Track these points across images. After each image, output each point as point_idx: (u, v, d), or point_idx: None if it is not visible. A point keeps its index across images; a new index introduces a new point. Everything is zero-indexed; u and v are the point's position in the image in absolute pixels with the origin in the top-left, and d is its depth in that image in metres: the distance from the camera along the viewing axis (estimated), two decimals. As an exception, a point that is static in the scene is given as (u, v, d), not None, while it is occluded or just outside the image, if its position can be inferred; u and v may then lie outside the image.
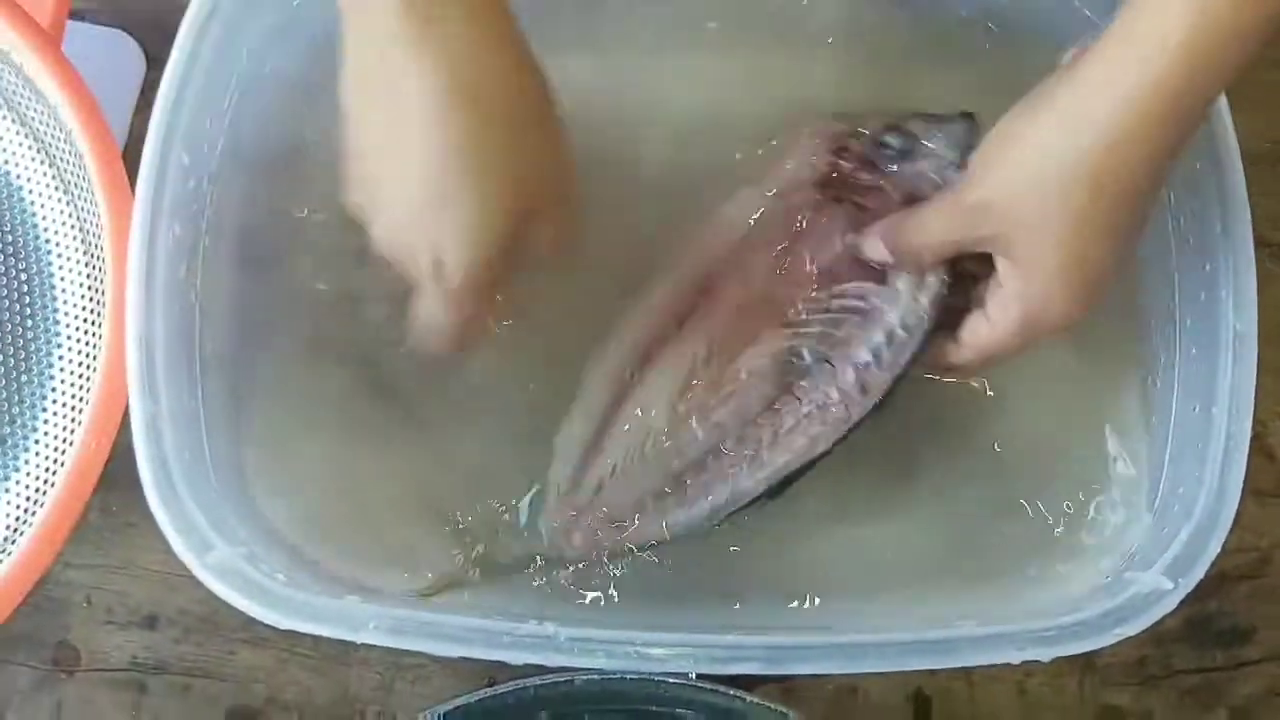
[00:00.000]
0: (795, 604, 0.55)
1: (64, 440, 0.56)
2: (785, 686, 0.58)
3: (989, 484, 0.57)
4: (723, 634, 0.49)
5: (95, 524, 0.60)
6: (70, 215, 0.58)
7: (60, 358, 0.57)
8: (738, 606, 0.55)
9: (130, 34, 0.64)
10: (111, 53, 0.64)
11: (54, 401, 0.56)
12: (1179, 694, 0.58)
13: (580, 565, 0.54)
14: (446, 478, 0.57)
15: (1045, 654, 0.48)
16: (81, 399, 0.56)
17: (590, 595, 0.55)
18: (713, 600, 0.55)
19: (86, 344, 0.57)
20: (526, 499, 0.56)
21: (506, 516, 0.56)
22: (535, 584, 0.55)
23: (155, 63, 0.64)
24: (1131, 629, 0.48)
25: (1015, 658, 0.48)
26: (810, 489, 0.57)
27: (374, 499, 0.57)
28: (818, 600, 0.55)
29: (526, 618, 0.53)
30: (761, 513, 0.55)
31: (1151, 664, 0.58)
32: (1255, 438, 0.60)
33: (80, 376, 0.56)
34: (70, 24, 0.58)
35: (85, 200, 0.56)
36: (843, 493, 0.57)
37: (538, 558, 0.54)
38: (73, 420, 0.56)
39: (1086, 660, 0.58)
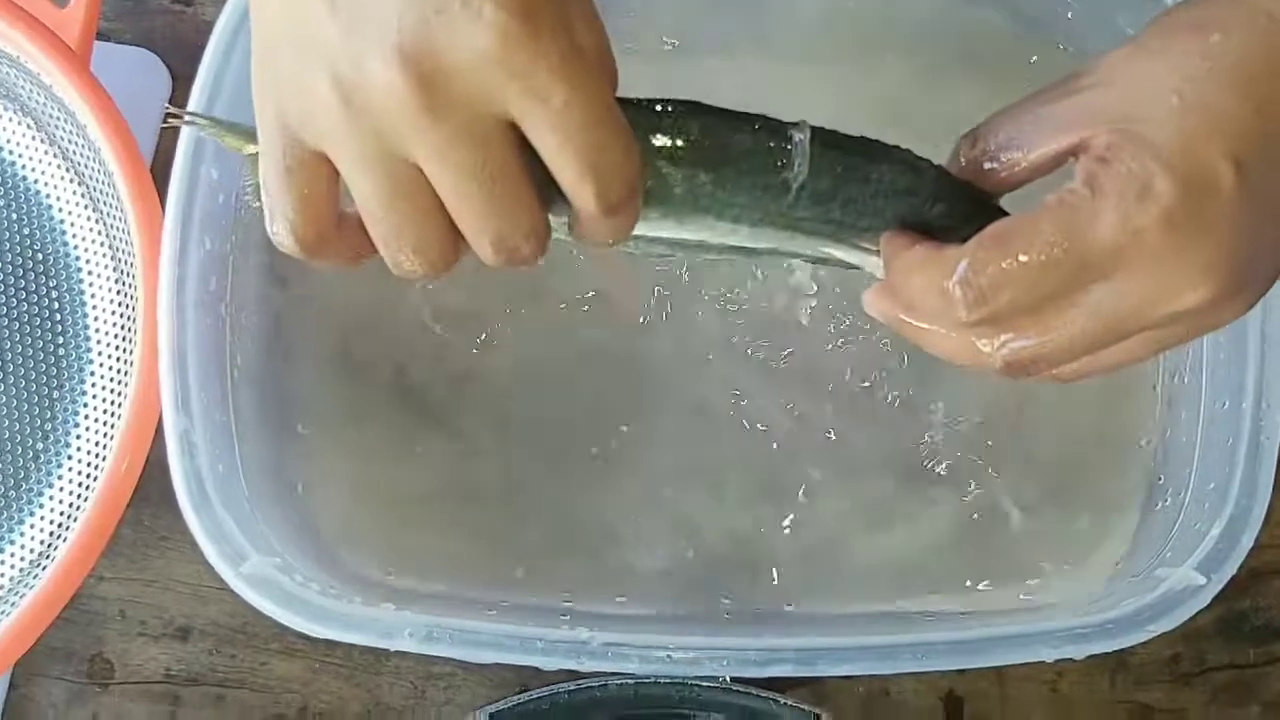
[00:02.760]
0: (825, 607, 0.55)
1: (98, 456, 0.56)
2: (817, 689, 0.58)
3: (1016, 483, 0.57)
4: (755, 637, 0.50)
5: (129, 538, 0.60)
6: (100, 232, 0.59)
7: (92, 374, 0.58)
8: (767, 610, 0.55)
9: (155, 53, 0.65)
10: (137, 72, 0.64)
11: (87, 418, 0.57)
12: (1212, 691, 0.58)
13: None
14: (479, 485, 0.58)
15: (1078, 652, 0.48)
16: (114, 415, 0.56)
17: (620, 599, 0.56)
18: (743, 604, 0.56)
19: (118, 360, 0.57)
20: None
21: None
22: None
23: (180, 81, 0.65)
24: (1164, 625, 0.48)
25: (1049, 656, 0.48)
26: (839, 491, 0.57)
27: (407, 507, 0.58)
28: (848, 603, 0.55)
29: (559, 623, 0.54)
30: (790, 513, 0.56)
31: (1184, 661, 0.58)
32: (1284, 433, 0.60)
33: (113, 392, 0.57)
34: (96, 44, 0.58)
35: (115, 217, 0.57)
36: (870, 495, 0.57)
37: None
38: (106, 436, 0.57)
39: (1119, 659, 0.58)
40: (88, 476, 0.56)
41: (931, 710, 0.58)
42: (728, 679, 0.50)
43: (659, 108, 0.34)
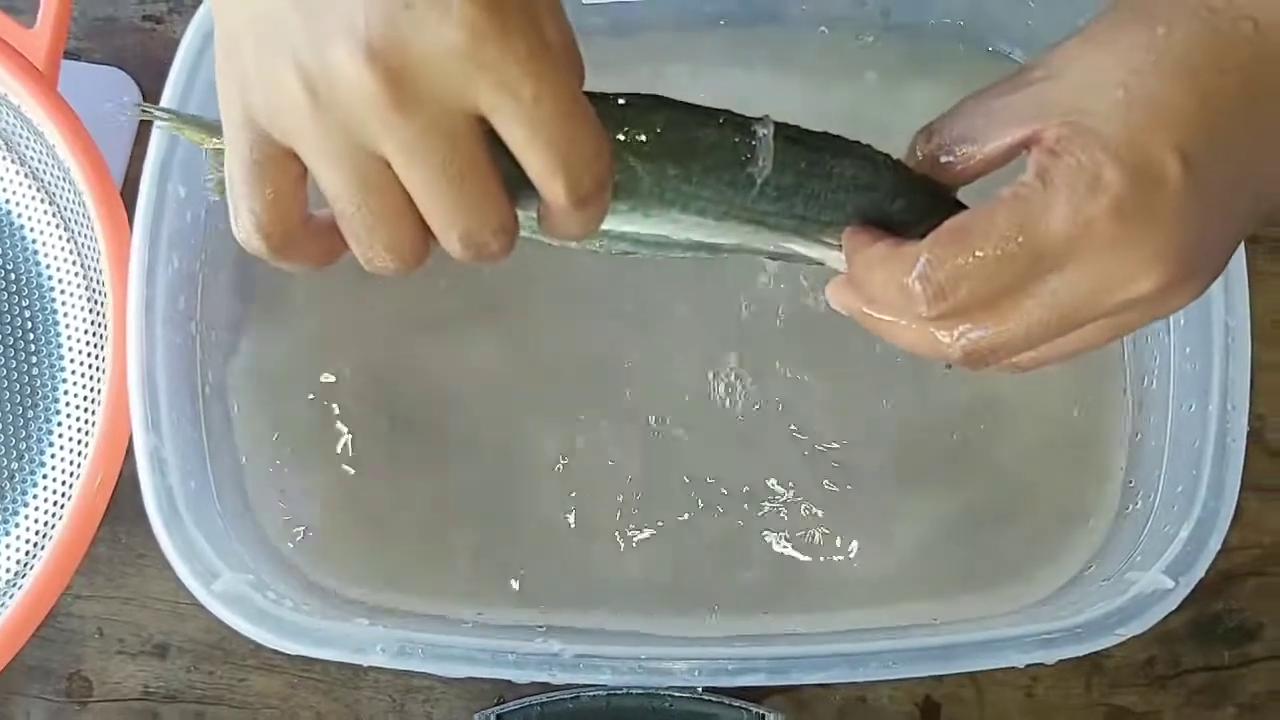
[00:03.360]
0: (799, 615, 0.55)
1: (71, 474, 0.57)
2: (793, 697, 0.58)
3: (985, 489, 0.57)
4: (728, 646, 0.50)
5: (105, 555, 0.60)
6: (71, 252, 0.59)
7: (65, 393, 0.58)
8: (741, 619, 0.56)
9: (125, 70, 0.65)
10: (106, 90, 0.64)
11: (60, 436, 0.57)
12: (1187, 693, 0.58)
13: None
14: (452, 497, 0.58)
15: (1048, 656, 0.48)
16: (87, 433, 0.56)
17: (597, 611, 0.56)
18: (715, 614, 0.56)
19: (91, 378, 0.57)
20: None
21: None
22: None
23: (150, 99, 0.65)
24: (1134, 629, 0.48)
25: (1019, 661, 0.49)
26: (812, 500, 0.57)
27: (380, 522, 0.58)
28: (821, 610, 0.56)
29: (534, 635, 0.54)
30: (757, 518, 0.56)
31: (1159, 664, 0.58)
32: (1255, 434, 0.60)
33: (85, 410, 0.57)
34: (65, 63, 0.58)
35: (85, 236, 0.57)
36: (842, 503, 0.57)
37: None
38: (79, 454, 0.57)
39: (1093, 662, 0.58)
40: (62, 495, 0.56)
41: (909, 716, 0.59)
42: (700, 689, 0.50)
43: (625, 101, 0.34)
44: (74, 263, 0.59)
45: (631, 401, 0.58)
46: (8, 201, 0.59)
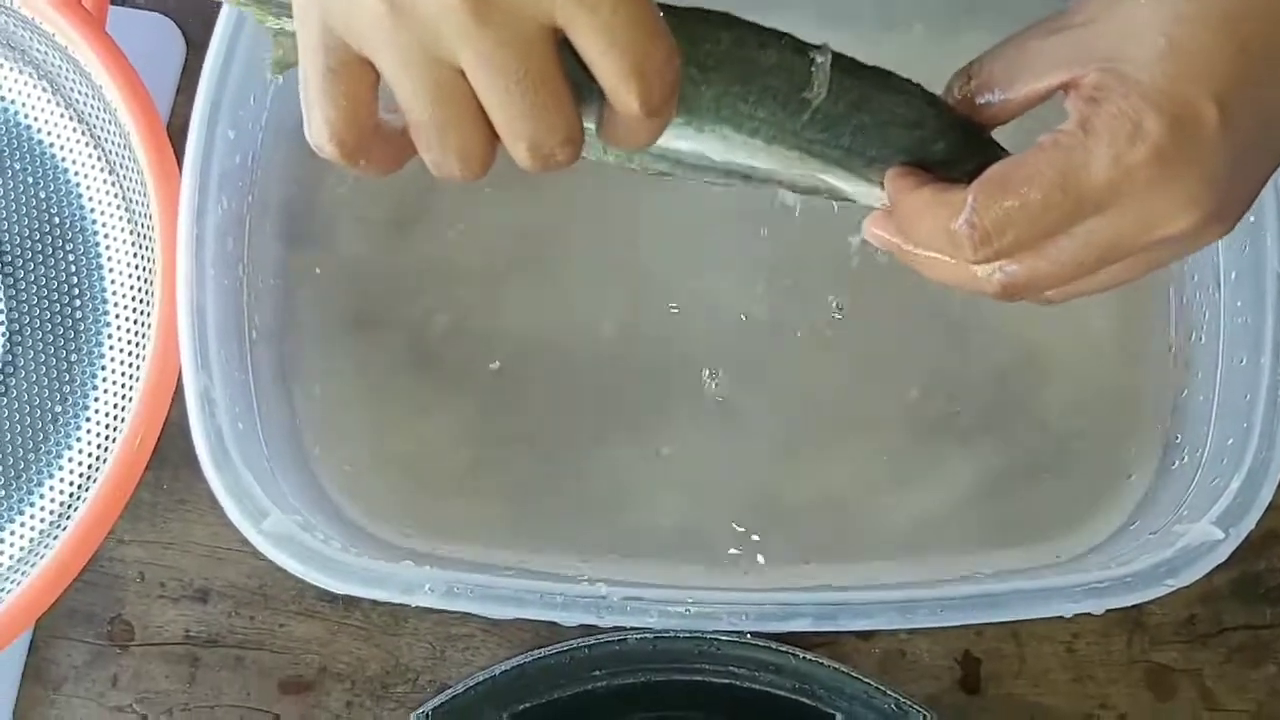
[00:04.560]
0: (842, 565, 0.55)
1: (116, 418, 0.57)
2: (833, 649, 0.58)
3: (1027, 443, 0.57)
4: (773, 594, 0.50)
5: (147, 500, 0.60)
6: (117, 194, 0.59)
7: (110, 336, 0.58)
8: (785, 569, 0.56)
9: (171, 18, 0.65)
10: (152, 37, 0.64)
11: (105, 380, 0.57)
12: (1228, 651, 0.58)
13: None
14: (494, 446, 0.58)
15: (1096, 606, 0.48)
16: (133, 377, 0.56)
17: (640, 560, 0.56)
18: (760, 563, 0.56)
19: (135, 322, 0.57)
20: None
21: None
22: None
23: (195, 47, 0.65)
24: (1183, 580, 0.48)
25: (1068, 610, 0.48)
26: (855, 452, 0.57)
27: (423, 470, 0.58)
28: (865, 560, 0.56)
29: (577, 579, 0.54)
30: (798, 471, 0.56)
31: (1200, 622, 0.58)
32: (1302, 392, 0.60)
33: (130, 354, 0.57)
34: (112, 9, 0.58)
35: (131, 179, 0.57)
36: (883, 451, 0.57)
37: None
38: (124, 398, 0.57)
39: (1135, 619, 0.58)
40: (106, 438, 0.56)
41: (948, 670, 0.59)
42: (748, 634, 0.50)
43: (695, 16, 0.34)
44: (119, 206, 0.59)
45: (679, 353, 0.58)
46: (53, 145, 0.59)
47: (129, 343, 0.57)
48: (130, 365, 0.57)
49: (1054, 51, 0.35)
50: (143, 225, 0.57)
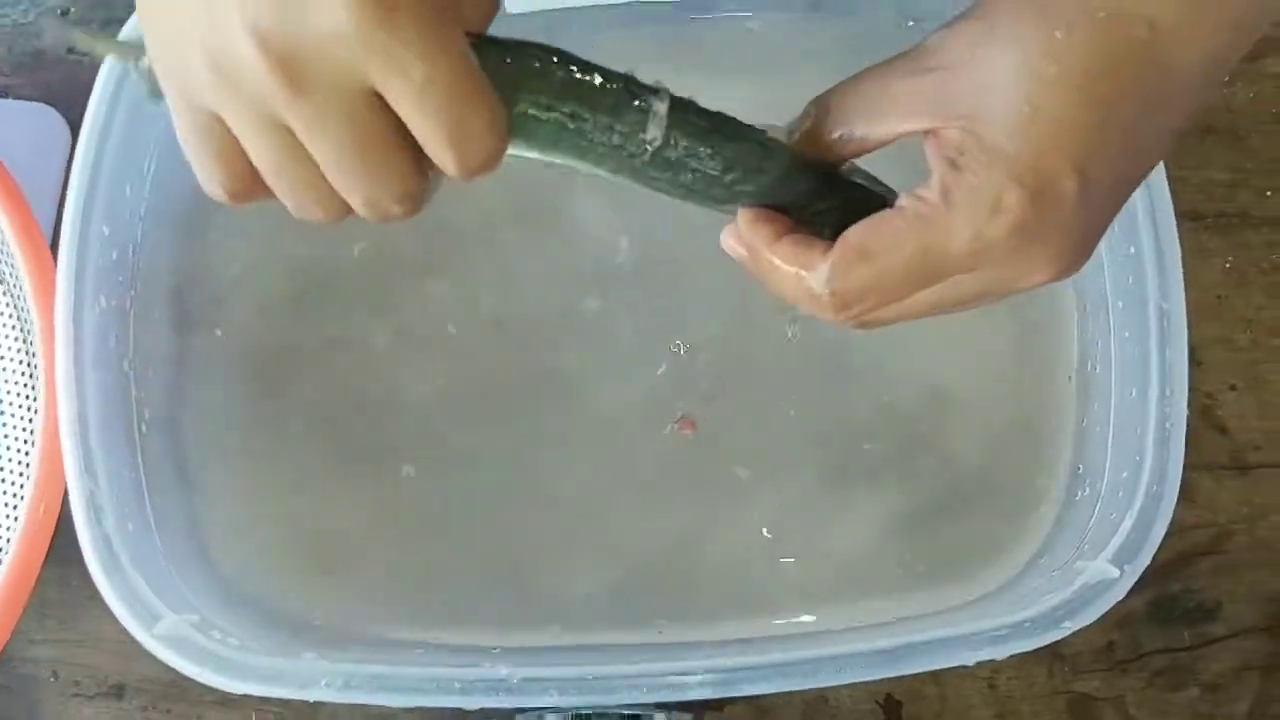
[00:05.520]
0: (750, 618, 0.55)
1: (10, 518, 0.56)
2: (755, 704, 0.58)
3: (935, 482, 0.57)
4: (677, 658, 0.49)
5: (55, 598, 0.60)
6: (3, 295, 0.58)
7: (2, 438, 0.57)
8: (691, 626, 0.55)
9: (54, 106, 0.64)
10: (35, 126, 0.64)
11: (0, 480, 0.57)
12: (1149, 676, 0.58)
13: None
14: (398, 519, 0.57)
15: (998, 653, 0.48)
16: (25, 478, 0.56)
17: (551, 628, 0.56)
18: (666, 624, 0.56)
19: (28, 420, 0.57)
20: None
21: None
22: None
23: (79, 131, 0.64)
24: (1082, 621, 0.48)
25: (969, 659, 0.48)
26: (762, 501, 0.57)
27: (328, 548, 0.57)
28: (771, 614, 0.55)
29: (488, 657, 0.54)
30: (707, 523, 0.56)
31: (1119, 648, 0.58)
32: (1204, 412, 0.60)
33: (23, 453, 0.56)
34: (-9, 102, 0.58)
35: (14, 281, 0.56)
36: (795, 502, 0.57)
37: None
38: (18, 498, 0.56)
39: (1054, 649, 0.58)
40: (3, 539, 0.56)
41: (871, 714, 0.58)
42: (652, 706, 0.50)
43: (532, 52, 0.34)
44: (7, 307, 0.58)
45: (580, 408, 0.58)
46: (-64, 247, 0.59)
47: (23, 442, 0.57)
48: (24, 464, 0.56)
49: (917, 96, 0.35)
50: (29, 333, 0.56)
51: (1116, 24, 0.32)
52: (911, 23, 0.61)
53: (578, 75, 0.34)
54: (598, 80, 0.35)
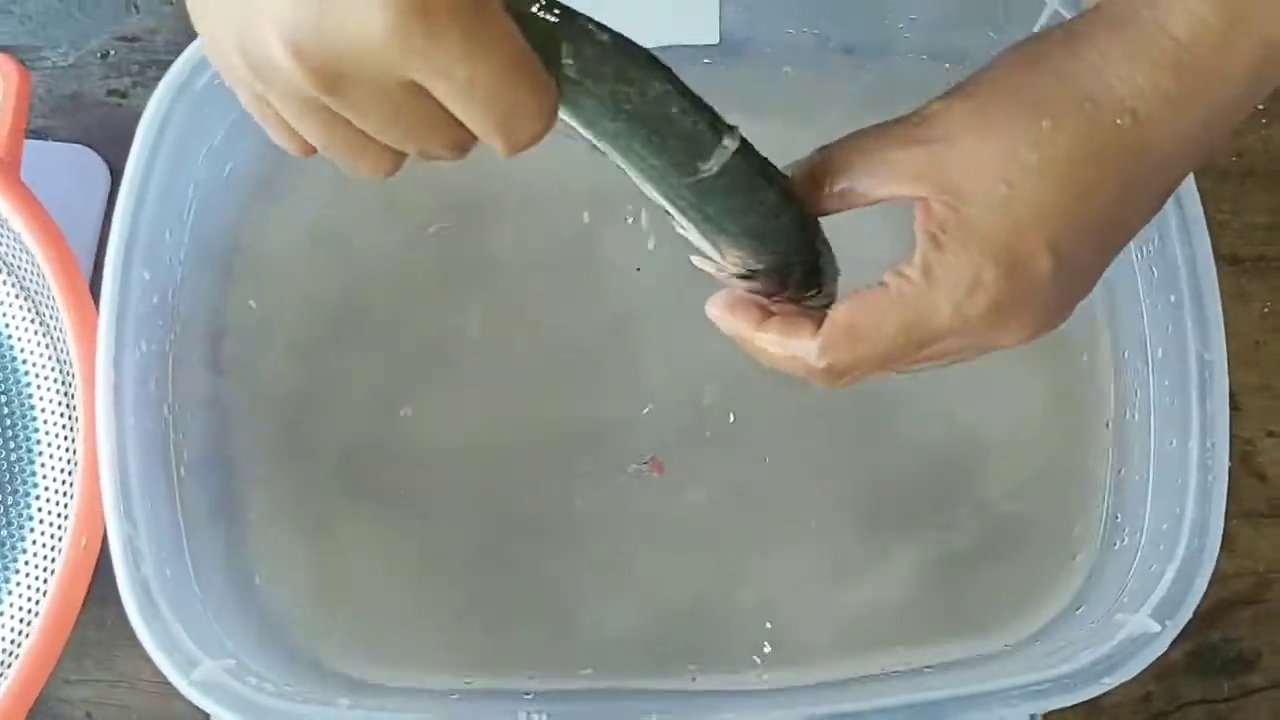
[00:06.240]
0: (782, 667, 0.55)
1: (51, 560, 0.56)
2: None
3: (969, 534, 0.57)
4: (709, 708, 0.49)
5: (93, 639, 0.60)
6: (44, 340, 0.59)
7: (42, 478, 0.58)
8: (722, 674, 0.55)
9: (92, 148, 0.65)
10: (74, 169, 0.65)
11: (40, 523, 0.57)
12: (1188, 727, 0.58)
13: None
14: (434, 564, 0.58)
15: (1038, 708, 0.48)
16: (64, 522, 0.56)
17: (585, 672, 0.56)
18: (697, 668, 0.55)
19: (66, 465, 0.57)
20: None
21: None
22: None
23: (119, 175, 0.64)
24: (1121, 676, 0.48)
25: (1010, 716, 0.48)
26: (787, 548, 0.57)
27: (364, 592, 0.58)
28: (803, 663, 0.55)
29: (522, 702, 0.54)
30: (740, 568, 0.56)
31: (1157, 699, 0.58)
32: (1243, 459, 0.60)
33: (63, 496, 0.57)
34: (32, 143, 0.59)
35: (55, 324, 0.57)
36: (820, 550, 0.57)
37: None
38: (57, 542, 0.56)
39: (1091, 701, 0.57)
40: (43, 581, 0.56)
41: (906, 763, 0.58)
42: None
43: (633, 55, 0.35)
44: (47, 351, 0.59)
45: (614, 453, 0.58)
46: (-21, 290, 0.59)
47: (61, 485, 0.57)
48: (64, 507, 0.57)
49: (910, 166, 0.37)
50: (68, 368, 0.57)
51: (1100, 114, 0.34)
52: (948, 65, 0.61)
53: (670, 88, 0.35)
54: (683, 102, 0.35)
